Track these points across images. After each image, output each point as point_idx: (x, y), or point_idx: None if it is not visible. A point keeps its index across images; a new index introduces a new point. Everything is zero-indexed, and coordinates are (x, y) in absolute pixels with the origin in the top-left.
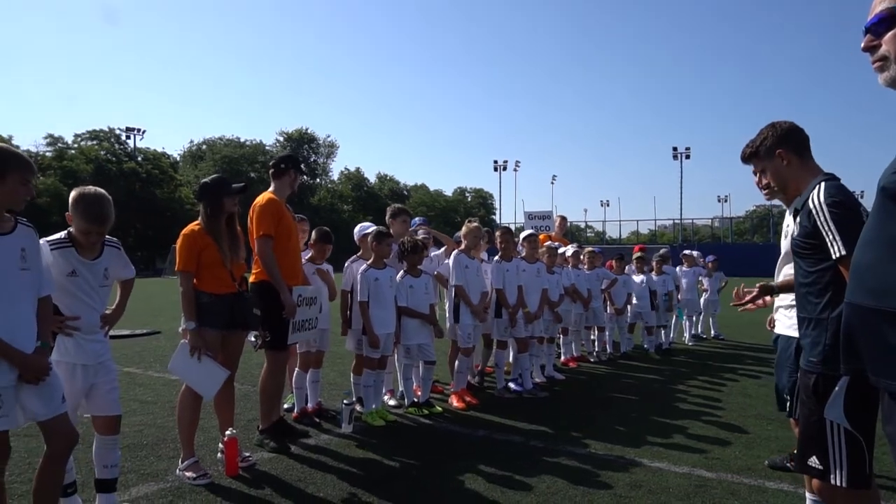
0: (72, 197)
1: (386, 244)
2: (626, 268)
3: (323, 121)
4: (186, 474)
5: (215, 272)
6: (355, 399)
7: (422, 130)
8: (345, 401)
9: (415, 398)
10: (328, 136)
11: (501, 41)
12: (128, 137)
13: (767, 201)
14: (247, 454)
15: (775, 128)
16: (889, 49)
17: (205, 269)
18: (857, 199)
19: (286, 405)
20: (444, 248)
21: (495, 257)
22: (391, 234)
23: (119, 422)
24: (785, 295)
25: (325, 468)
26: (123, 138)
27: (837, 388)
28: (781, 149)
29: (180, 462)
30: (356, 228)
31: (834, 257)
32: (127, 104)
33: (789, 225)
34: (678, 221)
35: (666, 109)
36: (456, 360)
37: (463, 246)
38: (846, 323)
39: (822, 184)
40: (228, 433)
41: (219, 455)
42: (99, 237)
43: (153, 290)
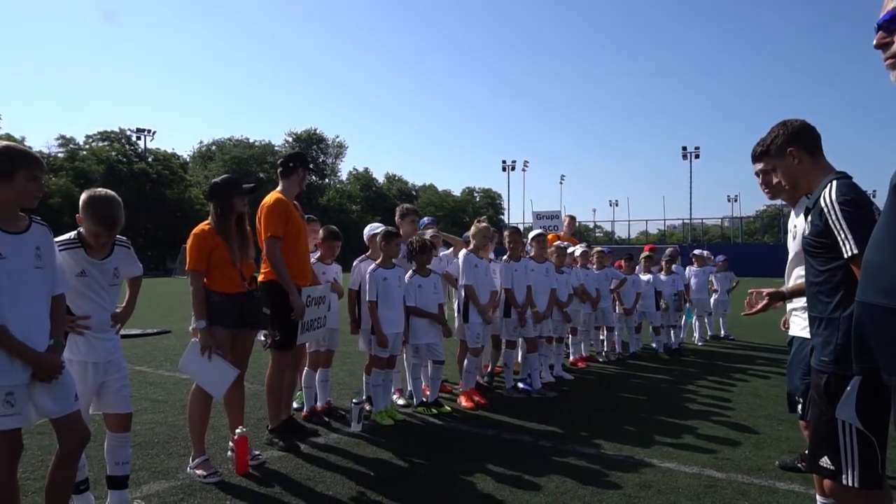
0: (82, 199)
1: (395, 244)
2: (636, 268)
3: (332, 121)
4: (197, 472)
5: (225, 272)
6: (364, 398)
7: (430, 131)
8: (354, 400)
9: (423, 398)
10: (337, 137)
11: (510, 41)
12: (138, 138)
13: (771, 201)
14: (257, 452)
15: (786, 126)
16: None
17: (215, 269)
18: (870, 198)
19: (296, 404)
20: (453, 248)
21: (503, 257)
22: (400, 234)
23: (130, 419)
24: (799, 298)
25: (335, 467)
26: (134, 139)
27: (849, 388)
28: (793, 147)
29: (191, 460)
30: (366, 229)
31: (846, 256)
32: (137, 105)
33: (796, 225)
34: (687, 221)
35: (675, 109)
36: (465, 360)
37: (472, 246)
38: (858, 321)
39: (834, 182)
40: (238, 432)
41: (229, 453)
42: (108, 239)
43: (163, 290)
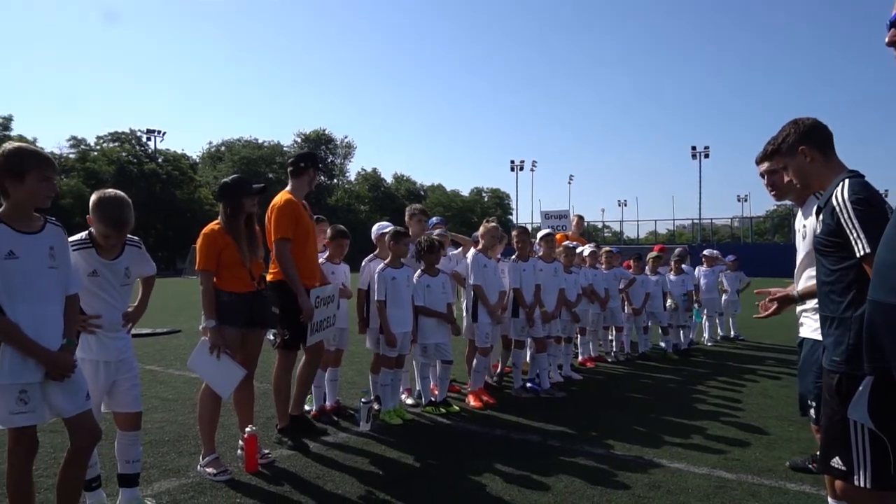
0: (92, 200)
1: (403, 243)
2: (645, 268)
3: (340, 122)
4: (207, 470)
5: (235, 271)
6: (373, 398)
7: (438, 131)
8: (363, 399)
9: (432, 397)
10: (345, 137)
11: (518, 41)
12: (148, 139)
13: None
14: (266, 451)
15: (798, 124)
16: None
17: (224, 269)
18: (882, 197)
19: (306, 406)
20: (462, 248)
21: (512, 257)
22: (408, 234)
23: (140, 418)
24: (810, 300)
25: (343, 466)
26: (144, 140)
27: (861, 388)
28: (804, 145)
29: (201, 458)
30: (374, 228)
31: (858, 255)
32: (147, 106)
33: (805, 225)
34: (697, 221)
35: (684, 108)
36: (473, 360)
37: (480, 245)
38: (869, 321)
39: (846, 181)
40: (248, 430)
41: (239, 452)
42: (118, 240)
43: (173, 290)
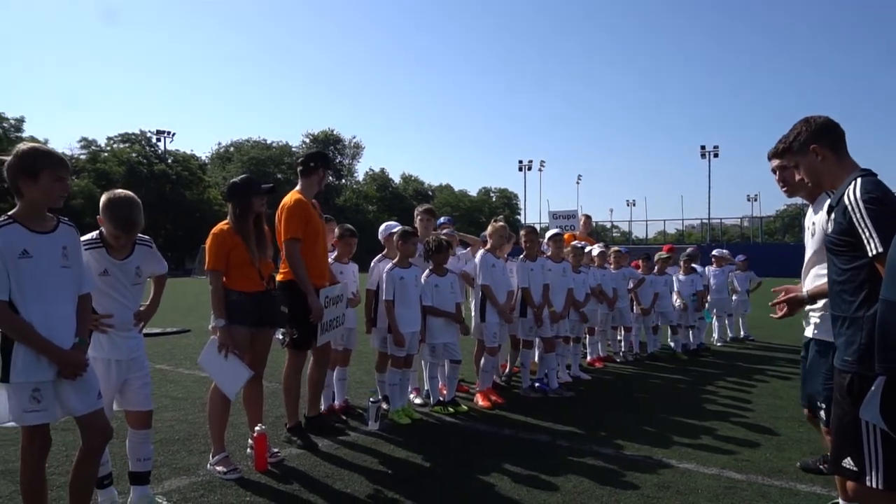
0: (102, 201)
1: (411, 243)
2: (653, 268)
3: (348, 122)
4: (217, 469)
5: (244, 271)
6: (381, 397)
7: (446, 131)
8: (371, 398)
9: (440, 397)
10: (354, 137)
11: (526, 41)
12: (158, 140)
13: (791, 200)
14: (275, 450)
15: (809, 123)
16: None
17: (234, 268)
18: (895, 196)
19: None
20: (470, 248)
21: (520, 257)
22: (417, 234)
23: (151, 416)
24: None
25: (352, 465)
26: (154, 141)
27: (873, 388)
28: (816, 144)
29: (211, 457)
30: (381, 227)
31: (870, 254)
32: (157, 107)
33: (814, 223)
34: (706, 221)
35: (693, 108)
36: (482, 359)
37: (489, 245)
38: (882, 320)
39: (859, 179)
40: (257, 429)
41: (248, 451)
42: (128, 241)
43: (183, 290)
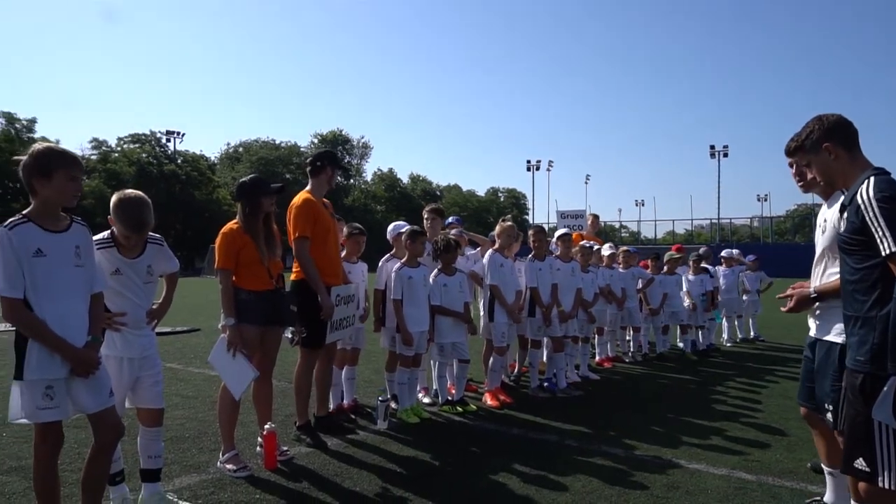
0: (112, 202)
1: (420, 243)
2: (663, 268)
3: (356, 122)
4: (227, 466)
5: (253, 270)
6: (390, 396)
7: (455, 131)
8: (380, 398)
9: (449, 396)
10: (362, 137)
11: (534, 41)
12: (168, 140)
13: (802, 199)
14: (285, 448)
15: (822, 121)
16: None
17: (243, 267)
18: None
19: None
20: (480, 248)
21: (528, 256)
22: (425, 233)
23: (162, 414)
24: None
25: (361, 464)
26: (164, 141)
27: (886, 388)
28: (829, 142)
29: (221, 455)
30: (390, 227)
31: (883, 254)
32: (167, 108)
33: (826, 219)
34: (715, 221)
35: (703, 107)
36: (490, 359)
37: (497, 245)
38: (895, 320)
39: (872, 178)
40: (267, 428)
41: (258, 449)
42: (139, 240)
43: (192, 289)
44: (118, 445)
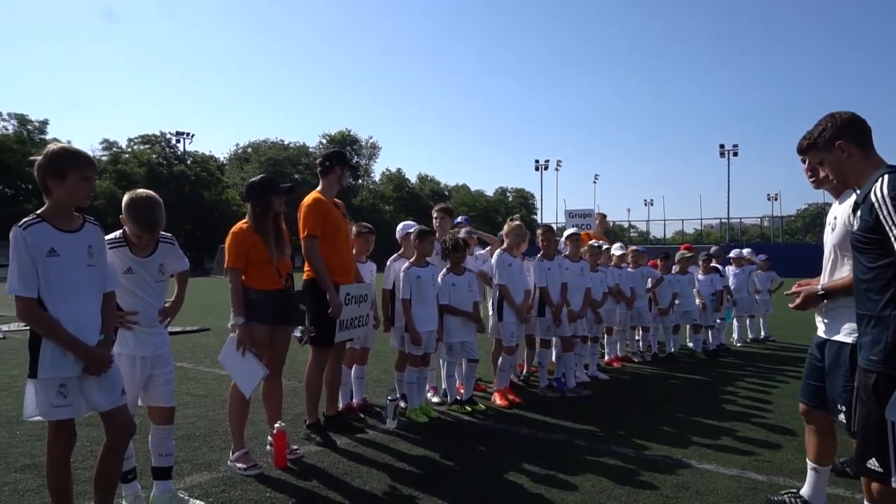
0: (124, 202)
1: (428, 242)
2: (672, 268)
3: (365, 123)
4: (237, 465)
5: (263, 269)
6: (399, 395)
7: (463, 131)
8: (389, 397)
9: (458, 396)
10: (370, 138)
11: (542, 41)
12: (178, 141)
13: (812, 199)
14: (294, 447)
15: (835, 118)
16: None
17: (253, 267)
18: None
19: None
20: (489, 247)
21: (537, 256)
22: (433, 233)
23: (173, 413)
24: (834, 298)
25: (371, 463)
26: (173, 142)
27: None
28: (842, 140)
29: (231, 453)
30: (398, 227)
31: None
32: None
33: (836, 217)
34: (725, 221)
35: (712, 106)
36: (499, 359)
37: (505, 244)
38: None
39: (886, 176)
40: (277, 426)
41: (268, 447)
42: (151, 240)
43: (202, 289)
44: (130, 443)
